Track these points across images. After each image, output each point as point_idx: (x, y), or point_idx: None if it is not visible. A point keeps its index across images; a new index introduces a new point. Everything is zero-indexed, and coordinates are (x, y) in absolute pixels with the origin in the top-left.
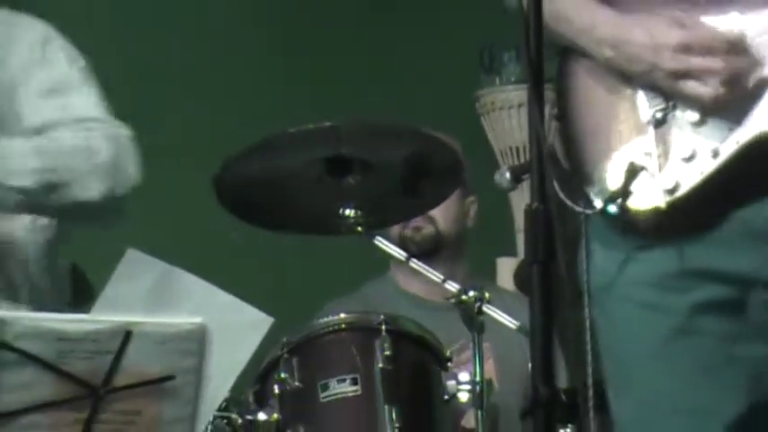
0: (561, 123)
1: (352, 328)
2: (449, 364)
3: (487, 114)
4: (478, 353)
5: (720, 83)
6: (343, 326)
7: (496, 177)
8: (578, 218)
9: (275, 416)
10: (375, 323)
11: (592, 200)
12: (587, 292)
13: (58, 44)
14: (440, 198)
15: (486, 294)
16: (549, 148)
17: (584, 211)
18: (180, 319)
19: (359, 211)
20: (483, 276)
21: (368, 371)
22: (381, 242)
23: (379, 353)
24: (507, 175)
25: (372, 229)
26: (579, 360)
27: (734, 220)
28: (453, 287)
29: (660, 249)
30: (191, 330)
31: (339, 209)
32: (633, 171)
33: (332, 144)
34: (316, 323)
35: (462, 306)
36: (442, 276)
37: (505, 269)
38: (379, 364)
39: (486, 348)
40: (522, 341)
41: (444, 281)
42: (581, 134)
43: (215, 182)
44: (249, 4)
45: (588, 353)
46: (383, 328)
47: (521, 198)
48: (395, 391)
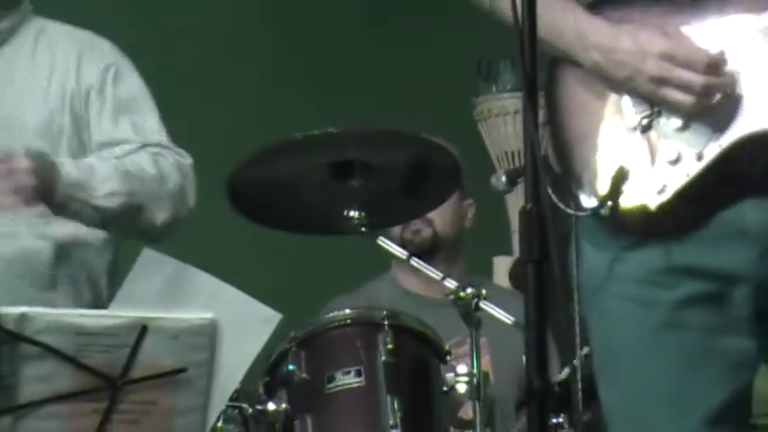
0: (551, 129)
1: (357, 323)
2: (448, 357)
3: (484, 121)
4: (476, 347)
5: (696, 96)
6: (348, 321)
7: (493, 181)
8: (570, 219)
9: (284, 406)
10: (378, 318)
11: (582, 202)
12: (577, 290)
13: (126, 64)
14: (439, 200)
15: (483, 291)
16: (543, 153)
17: (575, 213)
18: (192, 315)
19: (362, 213)
20: (480, 274)
21: (371, 363)
22: (383, 242)
23: (381, 346)
24: (503, 178)
25: (375, 229)
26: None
27: (717, 220)
28: (452, 285)
29: (647, 248)
30: (202, 325)
31: (343, 210)
32: (621, 174)
33: (337, 149)
34: (322, 318)
35: (460, 302)
36: (441, 274)
37: (501, 267)
38: (382, 358)
39: (483, 343)
40: (517, 336)
41: (443, 278)
42: (571, 139)
43: (227, 185)
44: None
45: (577, 346)
46: (386, 323)
47: (516, 200)
48: (397, 382)
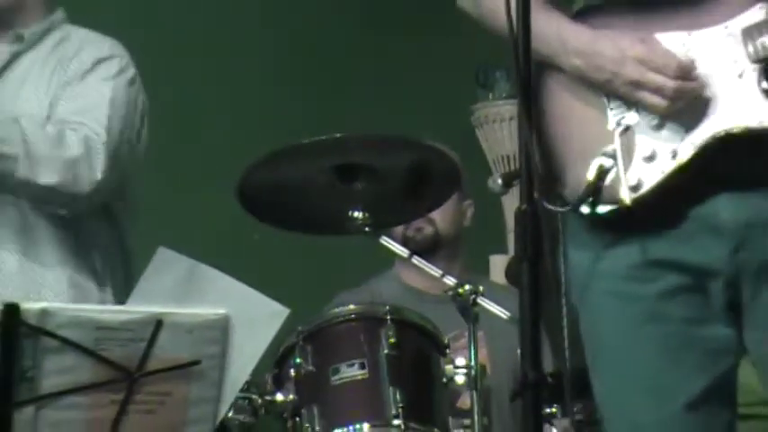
0: (536, 131)
1: (361, 317)
2: (447, 350)
3: (481, 126)
4: (473, 340)
5: (668, 98)
6: (353, 316)
7: (489, 183)
8: (556, 218)
9: (291, 397)
10: (381, 314)
11: (566, 200)
12: (564, 288)
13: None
14: (439, 201)
15: (480, 288)
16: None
17: (559, 211)
18: (205, 311)
19: (366, 214)
20: (477, 272)
21: (374, 356)
22: (386, 241)
23: (384, 340)
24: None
25: (378, 229)
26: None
27: (692, 216)
28: (451, 281)
29: (624, 245)
30: (215, 320)
31: (348, 211)
32: (601, 172)
33: (342, 153)
34: (327, 313)
35: (459, 298)
36: (440, 272)
37: (497, 265)
38: (385, 351)
39: (480, 337)
40: (513, 330)
41: (443, 276)
42: (554, 139)
43: (238, 187)
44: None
45: (565, 339)
46: (388, 317)
47: (512, 201)
48: (399, 374)
